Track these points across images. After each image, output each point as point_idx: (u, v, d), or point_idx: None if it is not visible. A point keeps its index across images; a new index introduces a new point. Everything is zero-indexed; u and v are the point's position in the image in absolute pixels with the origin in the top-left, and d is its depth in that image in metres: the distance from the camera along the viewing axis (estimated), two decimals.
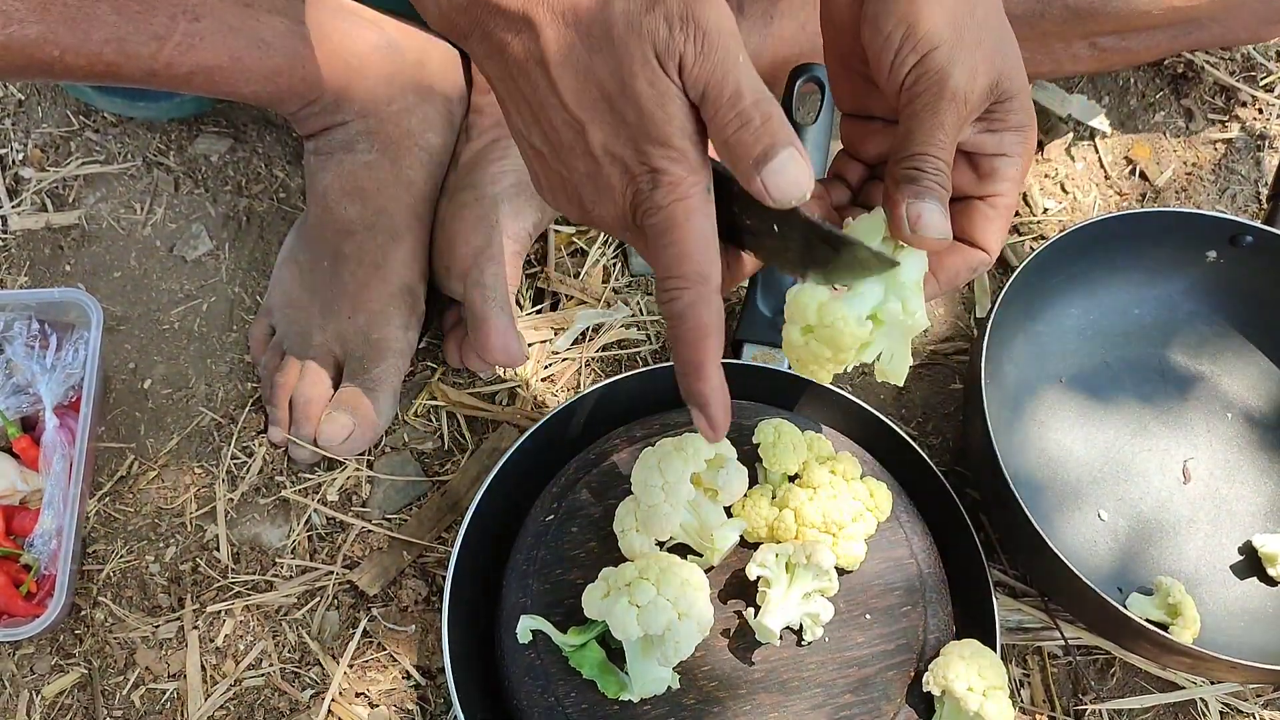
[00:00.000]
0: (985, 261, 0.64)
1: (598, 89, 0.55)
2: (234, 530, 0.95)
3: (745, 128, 0.54)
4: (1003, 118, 0.63)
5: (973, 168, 0.64)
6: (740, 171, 0.55)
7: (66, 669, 0.90)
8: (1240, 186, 1.14)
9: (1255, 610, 0.93)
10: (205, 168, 1.10)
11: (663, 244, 0.56)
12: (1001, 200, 0.64)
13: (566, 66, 0.55)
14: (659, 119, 0.54)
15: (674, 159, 0.55)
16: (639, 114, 0.54)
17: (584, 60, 0.54)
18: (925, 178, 0.59)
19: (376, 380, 0.95)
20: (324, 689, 0.89)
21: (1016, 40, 0.63)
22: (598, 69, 0.54)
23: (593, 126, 0.56)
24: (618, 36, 0.53)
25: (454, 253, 0.97)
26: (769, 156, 0.54)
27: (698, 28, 0.53)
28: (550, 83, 0.55)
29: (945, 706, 0.79)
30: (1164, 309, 1.02)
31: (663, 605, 0.74)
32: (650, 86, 0.54)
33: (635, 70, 0.54)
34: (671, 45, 0.53)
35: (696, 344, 0.58)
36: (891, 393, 1.03)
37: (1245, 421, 1.00)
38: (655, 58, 0.54)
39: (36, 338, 0.96)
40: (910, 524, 0.86)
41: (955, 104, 0.59)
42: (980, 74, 0.60)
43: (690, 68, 0.54)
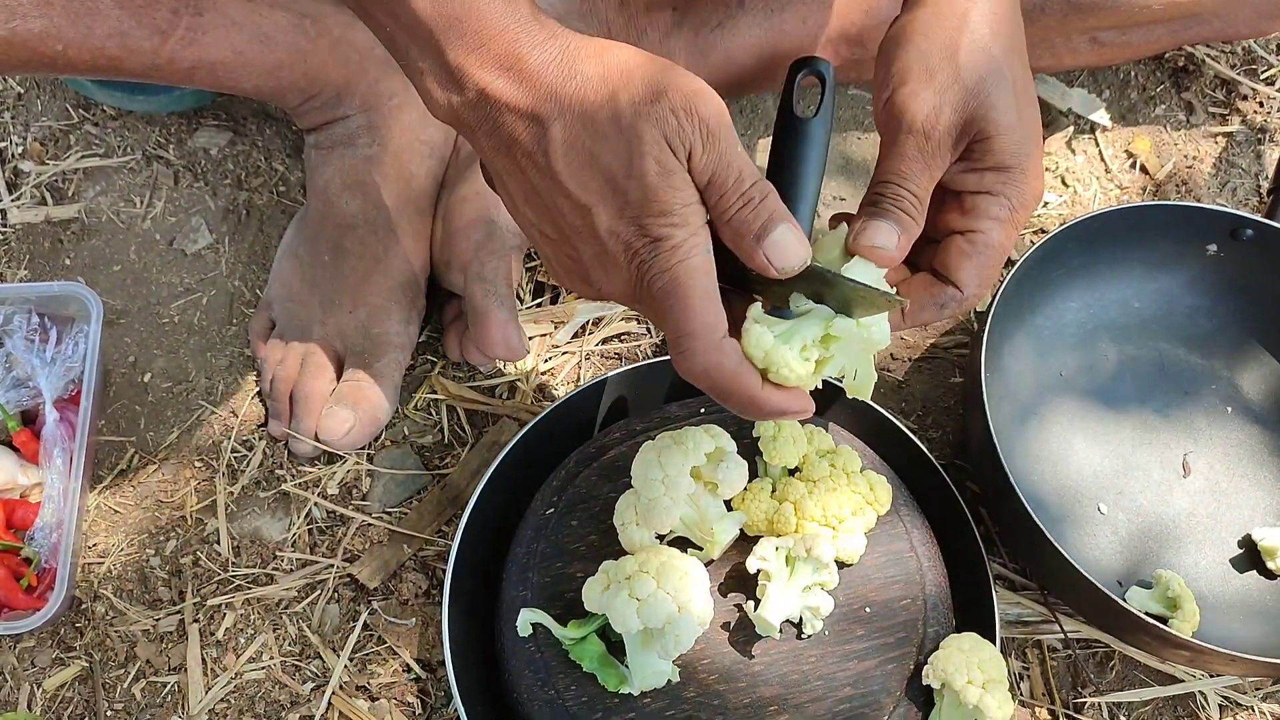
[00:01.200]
0: (955, 298, 0.67)
1: (603, 175, 0.59)
2: (234, 524, 0.95)
3: (746, 206, 0.59)
4: (981, 157, 0.66)
5: (959, 207, 0.67)
6: (743, 249, 0.60)
7: (67, 662, 0.90)
8: (1241, 180, 1.14)
9: (1254, 603, 0.93)
10: (205, 161, 1.10)
11: (669, 305, 0.60)
12: (979, 237, 0.66)
13: (573, 156, 0.59)
14: (661, 190, 0.58)
15: (675, 224, 0.59)
16: (642, 191, 0.58)
17: (589, 148, 0.58)
18: (884, 200, 0.64)
19: (377, 374, 0.95)
20: (324, 682, 0.89)
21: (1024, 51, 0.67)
22: (603, 155, 0.58)
23: (598, 210, 0.59)
24: (625, 125, 0.58)
25: (454, 247, 0.97)
26: (768, 231, 0.59)
27: (701, 120, 0.58)
28: (557, 172, 0.59)
29: (944, 700, 0.79)
30: (1164, 303, 1.02)
31: (663, 599, 0.74)
32: (657, 164, 0.58)
33: (644, 151, 0.58)
34: (682, 135, 0.58)
35: (737, 387, 0.62)
36: (892, 386, 1.03)
37: (1245, 415, 1.00)
38: (666, 142, 0.58)
39: (36, 331, 0.96)
40: (910, 518, 0.86)
41: (914, 136, 0.64)
42: (946, 111, 0.64)
43: (698, 157, 0.58)
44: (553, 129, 0.59)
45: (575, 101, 0.58)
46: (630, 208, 0.59)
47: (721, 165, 0.58)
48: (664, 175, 0.58)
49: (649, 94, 0.58)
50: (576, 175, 0.59)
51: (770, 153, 1.02)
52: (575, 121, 0.58)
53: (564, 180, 0.59)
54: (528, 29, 0.58)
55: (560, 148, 0.59)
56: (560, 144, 0.59)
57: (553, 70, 0.58)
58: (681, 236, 0.59)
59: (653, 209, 0.58)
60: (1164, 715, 0.91)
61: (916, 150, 0.64)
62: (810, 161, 0.99)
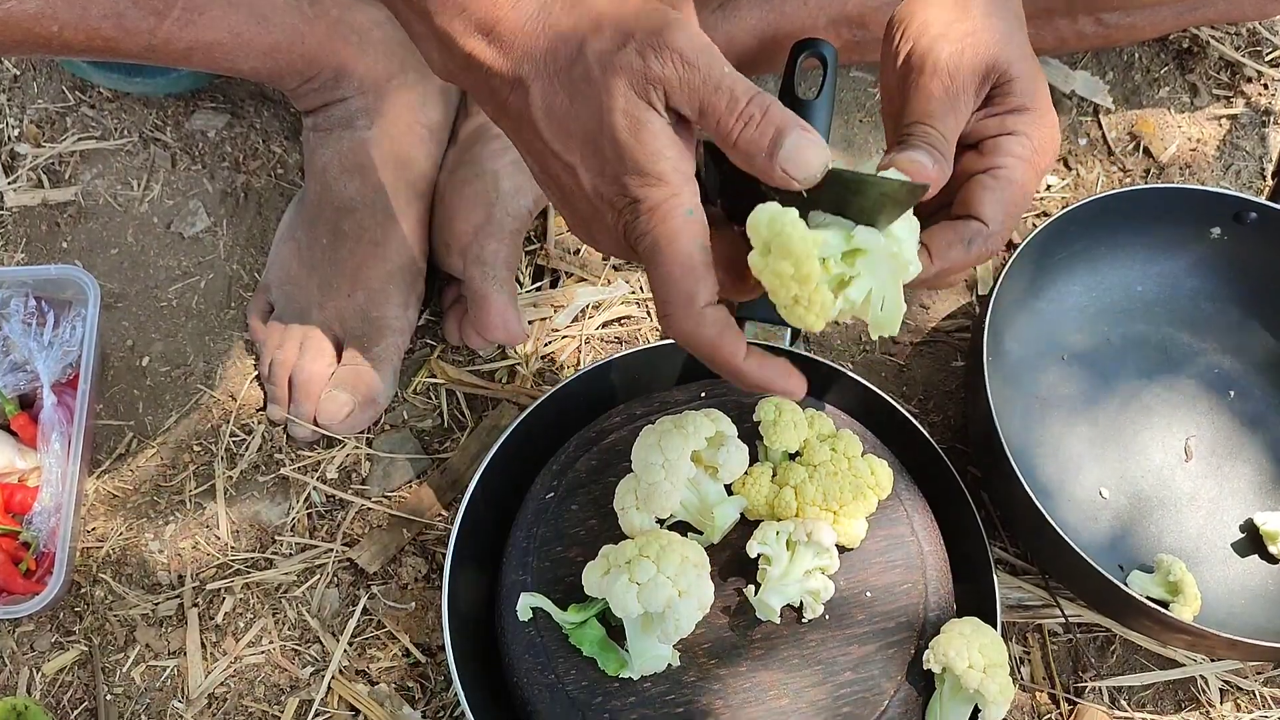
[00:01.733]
0: (981, 232, 0.63)
1: (581, 133, 0.57)
2: (233, 508, 0.94)
3: (749, 125, 0.56)
4: (1003, 100, 0.64)
5: (979, 153, 0.65)
6: (759, 168, 0.57)
7: (67, 646, 0.90)
8: (1245, 163, 1.13)
9: (1256, 588, 0.92)
10: (202, 143, 1.09)
11: (653, 268, 0.58)
12: (1002, 172, 0.64)
13: (553, 116, 0.58)
14: (632, 148, 0.56)
15: (651, 184, 0.57)
16: (615, 148, 0.56)
17: (567, 107, 0.57)
18: (913, 138, 0.61)
19: (376, 359, 0.95)
20: (324, 666, 0.89)
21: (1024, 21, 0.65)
22: (579, 113, 0.57)
23: (581, 169, 0.59)
24: (595, 78, 0.56)
25: (453, 230, 0.96)
26: (779, 143, 0.56)
27: (671, 50, 0.55)
28: (541, 133, 0.59)
29: (945, 684, 0.79)
30: (1167, 286, 1.02)
31: (663, 583, 0.74)
32: (625, 118, 0.56)
33: (612, 106, 0.56)
34: (649, 74, 0.56)
35: (717, 357, 0.59)
36: (893, 370, 1.02)
37: (1247, 399, 0.99)
38: (633, 90, 0.56)
39: (33, 315, 0.95)
40: (911, 502, 0.86)
41: (939, 78, 0.62)
42: (968, 53, 0.62)
43: (677, 89, 0.56)
44: (533, 91, 0.58)
45: (549, 60, 0.57)
46: (609, 165, 0.57)
47: (708, 91, 0.56)
48: (634, 130, 0.56)
49: (616, 39, 0.56)
50: (559, 135, 0.58)
51: None
52: (551, 81, 0.57)
53: (549, 141, 0.59)
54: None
55: (541, 110, 0.58)
56: (540, 105, 0.58)
57: (528, 29, 0.57)
58: (658, 198, 0.57)
59: (628, 166, 0.57)
60: (1165, 699, 0.91)
61: (943, 91, 0.62)
62: None
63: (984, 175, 0.64)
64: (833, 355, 1.02)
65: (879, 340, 1.03)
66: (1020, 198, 0.64)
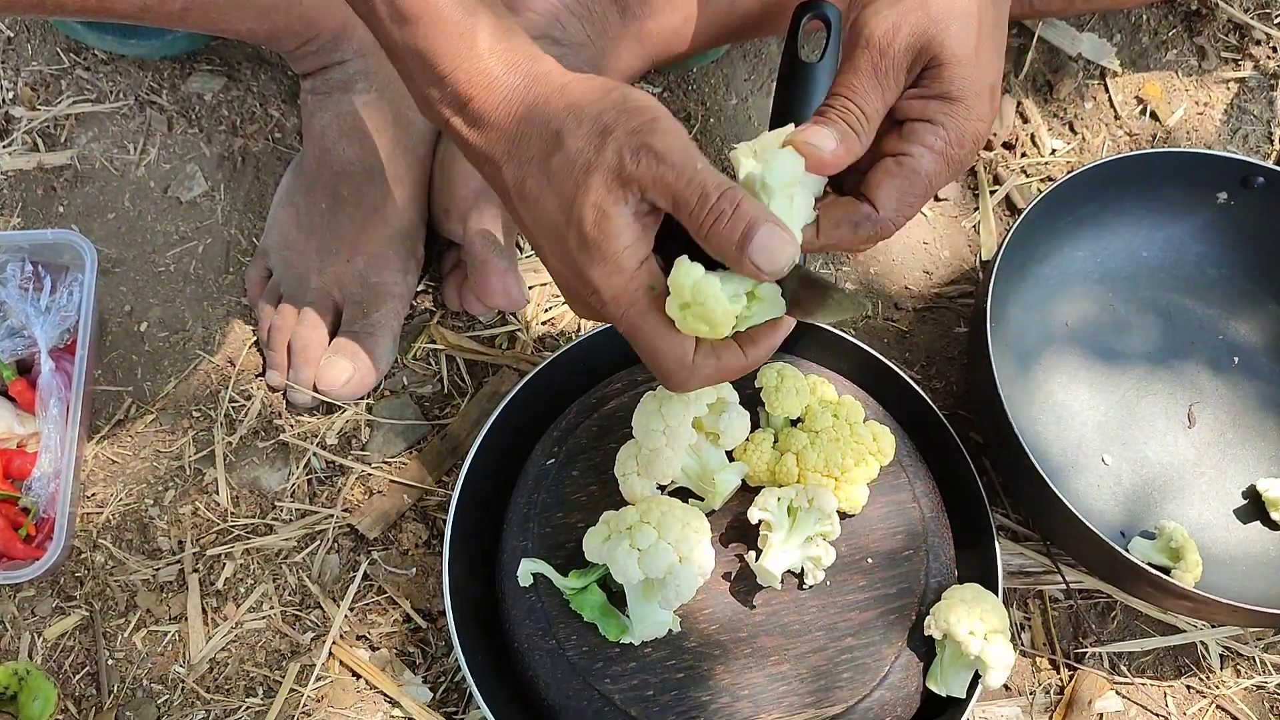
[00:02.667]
0: (870, 217, 0.64)
1: (547, 219, 0.61)
2: (233, 474, 0.94)
3: (719, 220, 0.58)
4: (929, 84, 0.64)
5: (898, 133, 0.65)
6: (729, 260, 0.59)
7: (68, 611, 0.90)
8: (1252, 127, 1.12)
9: (1258, 554, 0.92)
10: (199, 107, 1.08)
11: (638, 347, 0.63)
12: (908, 160, 0.64)
13: (524, 198, 0.61)
14: (595, 239, 0.59)
15: (609, 273, 0.60)
16: (580, 239, 0.59)
17: (537, 194, 0.61)
18: (831, 111, 0.63)
19: (375, 325, 0.94)
20: (325, 632, 0.89)
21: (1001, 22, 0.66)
22: (547, 202, 0.60)
23: (546, 251, 0.63)
24: (572, 173, 0.59)
25: (453, 195, 0.95)
26: (749, 238, 0.58)
27: (650, 151, 0.58)
28: (514, 209, 0.63)
29: (946, 650, 0.79)
30: (1172, 252, 1.01)
31: (664, 549, 0.73)
32: (593, 210, 0.59)
33: (584, 200, 0.59)
34: (625, 173, 0.58)
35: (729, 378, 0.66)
36: (895, 336, 1.02)
37: (1252, 366, 0.99)
38: (606, 186, 0.59)
39: (30, 280, 0.95)
40: (913, 468, 0.86)
41: (869, 52, 0.63)
42: (904, 30, 0.63)
43: (652, 186, 0.58)
44: (504, 171, 0.61)
45: (522, 144, 0.60)
46: (571, 254, 0.60)
47: (680, 186, 0.58)
48: (599, 221, 0.59)
49: (595, 137, 0.59)
50: (529, 215, 0.62)
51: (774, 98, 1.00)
52: (523, 165, 0.60)
53: (521, 217, 0.63)
54: (481, 68, 0.60)
55: (513, 189, 0.62)
56: (513, 186, 0.61)
57: (501, 111, 0.61)
58: (618, 285, 0.60)
59: (590, 254, 0.59)
60: (1164, 665, 0.91)
61: (870, 66, 0.63)
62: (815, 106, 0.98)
63: (890, 160, 0.65)
64: (835, 322, 1.02)
65: (881, 306, 1.03)
66: (921, 189, 0.65)
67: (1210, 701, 0.90)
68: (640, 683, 0.78)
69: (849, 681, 0.78)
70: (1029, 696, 0.89)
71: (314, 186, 0.97)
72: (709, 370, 0.63)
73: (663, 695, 0.77)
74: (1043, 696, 0.89)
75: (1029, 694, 0.89)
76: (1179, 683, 0.90)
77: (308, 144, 0.98)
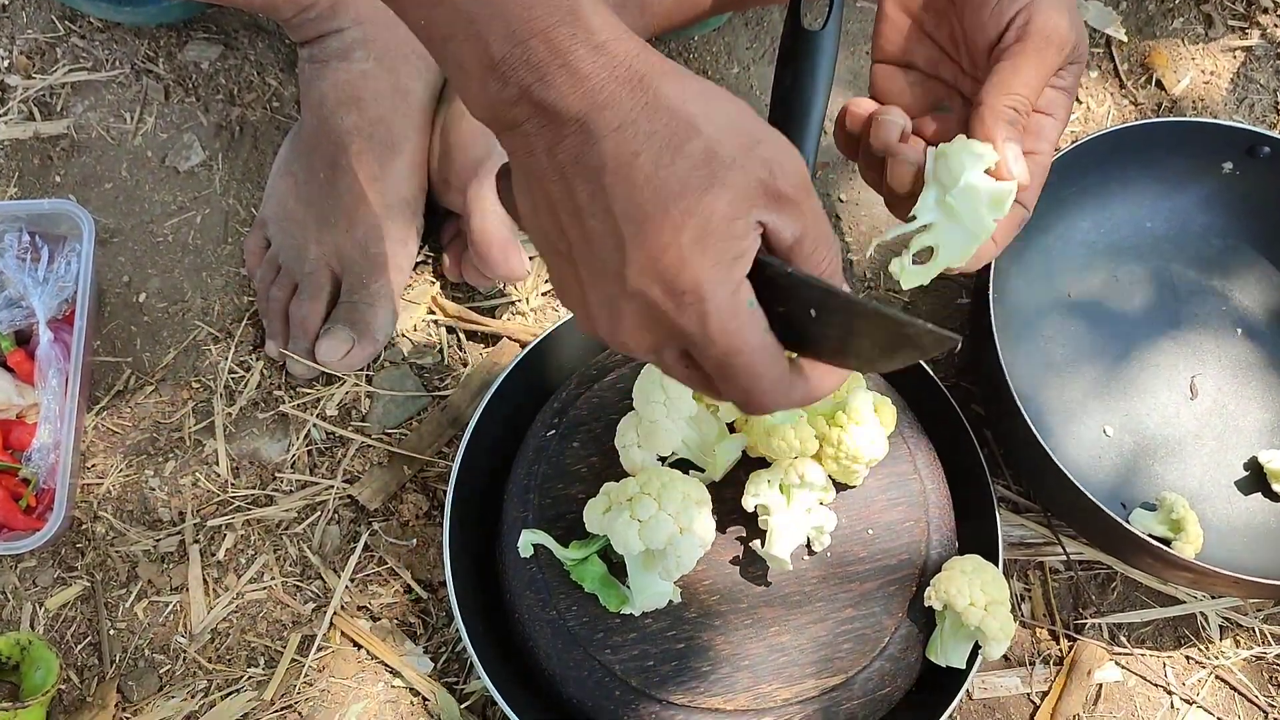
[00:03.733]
0: (1024, 219, 0.65)
1: (656, 203, 0.51)
2: (233, 445, 0.94)
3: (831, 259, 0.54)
4: (1063, 78, 0.64)
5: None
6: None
7: (69, 582, 0.90)
8: (1259, 96, 1.11)
9: (1258, 526, 0.92)
10: (196, 75, 1.07)
11: (728, 364, 0.53)
12: (1038, 160, 0.64)
13: (628, 179, 0.50)
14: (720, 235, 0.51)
15: (721, 280, 0.51)
16: (700, 233, 0.51)
17: (650, 174, 0.50)
18: (1019, 120, 0.61)
19: (375, 295, 0.94)
20: (326, 602, 0.89)
21: None
22: (666, 185, 0.50)
23: (631, 242, 0.51)
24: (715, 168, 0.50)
25: (453, 165, 0.94)
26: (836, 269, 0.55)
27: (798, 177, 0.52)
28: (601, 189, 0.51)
29: (946, 621, 0.79)
30: (1177, 222, 1.00)
31: (664, 520, 0.73)
32: (730, 207, 0.50)
33: (720, 194, 0.50)
34: (771, 186, 0.51)
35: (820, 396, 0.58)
36: (897, 307, 1.01)
37: (1255, 337, 0.98)
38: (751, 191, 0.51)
39: (28, 250, 0.94)
40: (914, 439, 0.85)
41: (1057, 50, 0.62)
42: (1073, 30, 0.62)
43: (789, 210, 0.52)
44: (606, 142, 0.50)
45: (642, 120, 0.50)
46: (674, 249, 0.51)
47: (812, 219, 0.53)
48: (732, 222, 0.51)
49: (743, 137, 0.51)
50: (626, 194, 0.51)
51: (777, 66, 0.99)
52: (639, 140, 0.51)
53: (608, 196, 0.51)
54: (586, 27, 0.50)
55: (611, 162, 0.51)
56: (612, 159, 0.51)
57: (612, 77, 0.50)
58: (725, 295, 0.51)
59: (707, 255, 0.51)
60: (1164, 635, 0.91)
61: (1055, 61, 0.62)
62: (818, 75, 0.97)
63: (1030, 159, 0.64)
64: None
65: (882, 277, 1.02)
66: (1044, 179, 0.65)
67: (1209, 672, 0.90)
68: (640, 653, 0.78)
69: (849, 652, 0.78)
70: (1028, 667, 0.89)
71: (312, 156, 0.96)
72: (800, 391, 0.55)
73: (663, 665, 0.78)
74: (1042, 667, 0.89)
75: (1028, 664, 0.89)
76: (1178, 653, 0.90)
77: (305, 113, 0.98)
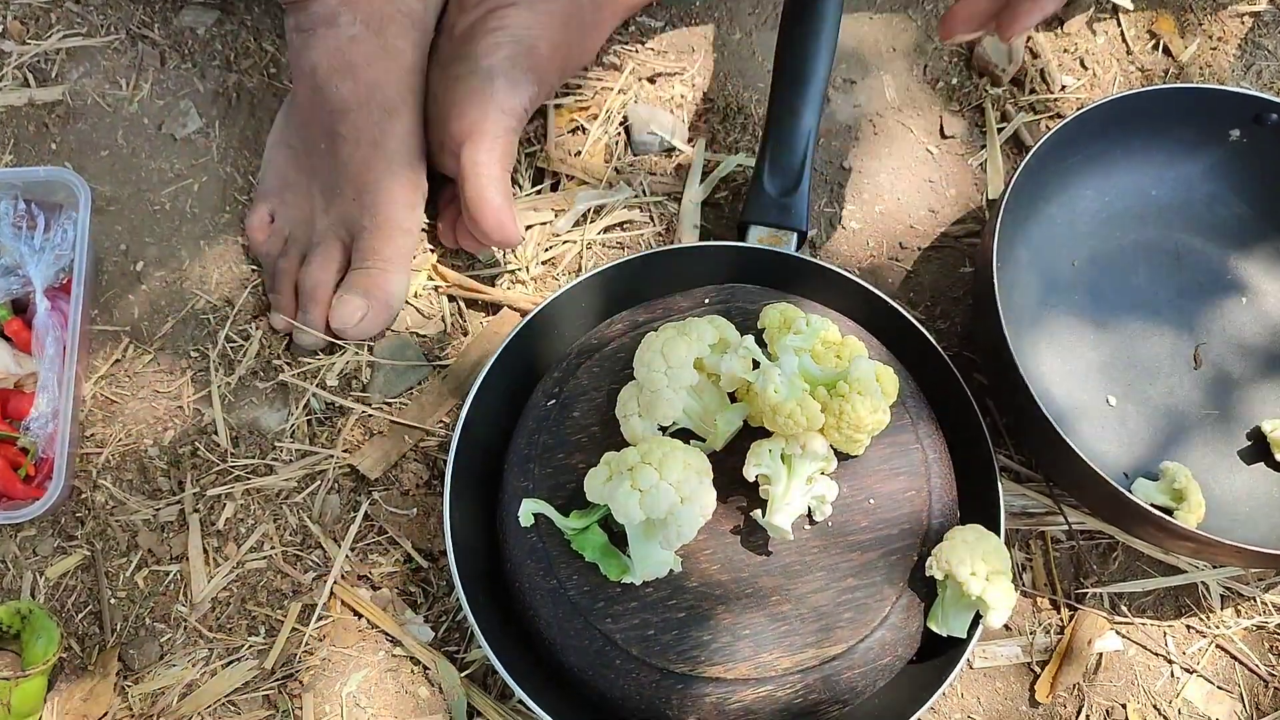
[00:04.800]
0: None
1: None
2: (232, 414, 0.94)
3: None
4: None
5: None
6: None
7: (69, 551, 0.90)
8: (1267, 62, 1.10)
9: (1261, 495, 0.92)
10: (192, 41, 1.06)
11: None
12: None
13: None
14: None
15: None
16: None
17: None
18: None
19: (388, 261, 0.93)
20: (326, 571, 0.89)
21: None
22: None
23: None
24: None
25: (447, 129, 0.93)
26: None
27: None
28: None
29: (947, 590, 0.79)
30: (1183, 191, 0.99)
31: (665, 490, 0.73)
32: None
33: None
34: None
35: None
36: (900, 276, 1.01)
37: (1260, 306, 0.98)
38: None
39: (24, 218, 0.93)
40: (916, 409, 0.85)
41: None
42: None
43: None
44: None
45: None
46: None
47: None
48: None
49: None
50: None
51: (779, 32, 0.98)
52: None
53: None
54: None
55: None
56: None
57: None
58: None
59: None
60: (1165, 605, 0.91)
61: None
62: (821, 40, 0.96)
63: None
64: (839, 261, 1.00)
65: (885, 245, 1.02)
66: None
67: (1210, 641, 0.90)
68: (641, 622, 0.78)
69: (850, 621, 0.78)
70: (1029, 636, 0.89)
71: (310, 126, 0.95)
72: None
73: (664, 634, 0.78)
74: (1043, 636, 0.89)
75: (1029, 634, 0.89)
76: (1179, 622, 0.90)
77: (298, 83, 0.96)
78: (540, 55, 0.94)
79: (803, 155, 0.93)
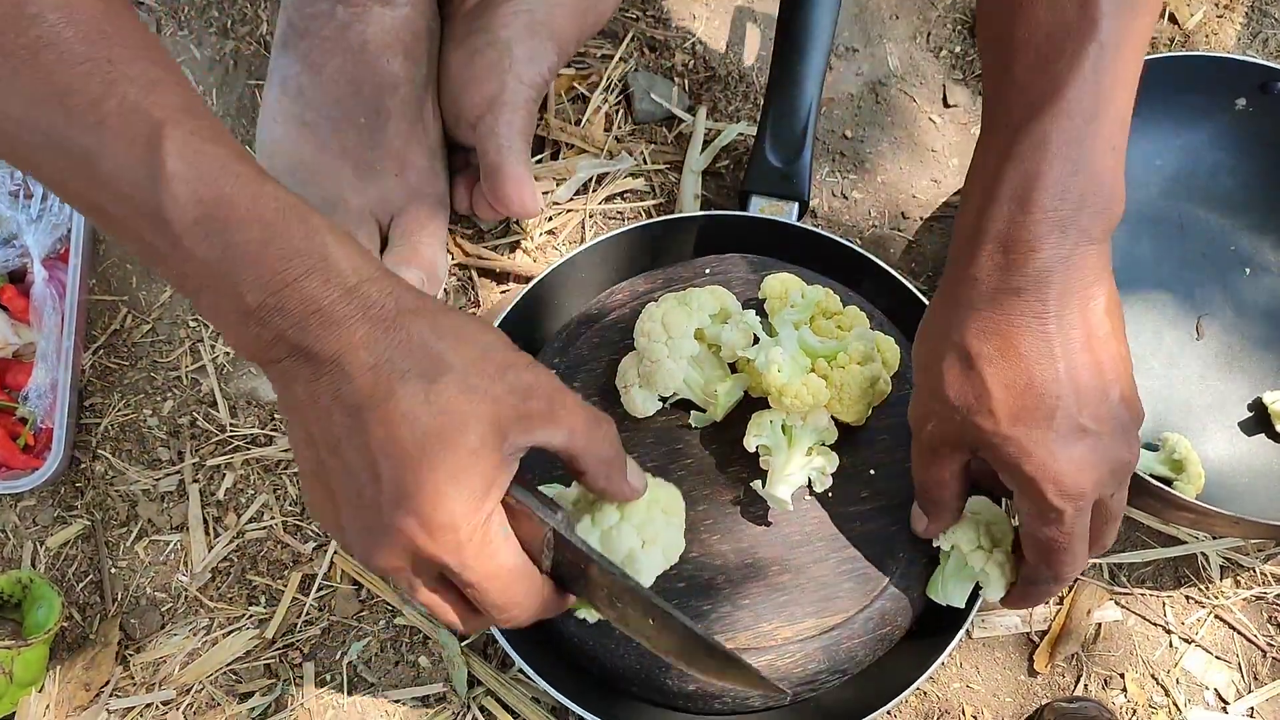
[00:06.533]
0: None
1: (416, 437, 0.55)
2: (230, 384, 0.94)
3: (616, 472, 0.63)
4: None
5: None
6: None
7: (69, 521, 0.90)
8: (1274, 30, 1.09)
9: (1261, 466, 0.92)
10: (188, 8, 1.05)
11: (483, 596, 0.59)
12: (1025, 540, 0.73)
13: (379, 414, 0.55)
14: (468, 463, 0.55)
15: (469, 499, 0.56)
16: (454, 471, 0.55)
17: (404, 412, 0.55)
18: None
19: (433, 235, 0.91)
20: (326, 541, 0.89)
21: None
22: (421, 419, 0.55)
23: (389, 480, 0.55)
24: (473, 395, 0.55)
25: (465, 101, 0.92)
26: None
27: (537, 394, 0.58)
28: (359, 425, 0.55)
29: (950, 561, 0.79)
30: (1187, 160, 0.99)
31: (626, 533, 0.66)
32: (480, 440, 0.55)
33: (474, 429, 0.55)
34: (521, 411, 0.57)
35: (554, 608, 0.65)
36: (901, 246, 1.00)
37: (1263, 277, 0.97)
38: (500, 422, 0.56)
39: (20, 187, 0.93)
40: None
41: None
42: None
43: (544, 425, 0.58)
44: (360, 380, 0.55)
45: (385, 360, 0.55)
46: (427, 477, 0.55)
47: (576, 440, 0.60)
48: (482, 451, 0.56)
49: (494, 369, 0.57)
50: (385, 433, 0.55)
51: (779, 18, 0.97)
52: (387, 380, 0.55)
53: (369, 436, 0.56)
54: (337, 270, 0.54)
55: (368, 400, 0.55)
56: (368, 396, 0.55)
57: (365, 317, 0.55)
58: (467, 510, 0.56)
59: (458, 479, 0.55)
60: (1164, 575, 0.91)
61: None
62: (824, 8, 0.95)
63: None
64: (840, 231, 1.00)
65: (887, 215, 1.01)
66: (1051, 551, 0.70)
67: (1209, 611, 0.90)
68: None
69: (850, 591, 0.78)
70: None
71: (346, 102, 0.92)
72: (555, 605, 0.63)
73: None
74: (1041, 607, 0.89)
75: None
76: (1178, 593, 0.90)
77: (335, 58, 0.92)
78: (559, 22, 0.92)
79: (805, 124, 0.92)
